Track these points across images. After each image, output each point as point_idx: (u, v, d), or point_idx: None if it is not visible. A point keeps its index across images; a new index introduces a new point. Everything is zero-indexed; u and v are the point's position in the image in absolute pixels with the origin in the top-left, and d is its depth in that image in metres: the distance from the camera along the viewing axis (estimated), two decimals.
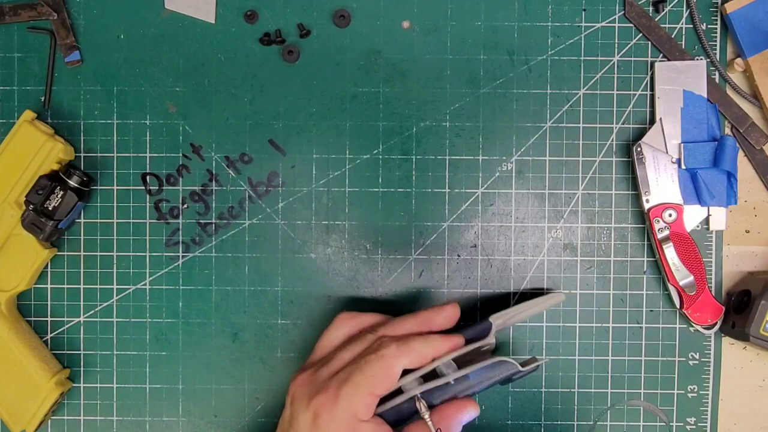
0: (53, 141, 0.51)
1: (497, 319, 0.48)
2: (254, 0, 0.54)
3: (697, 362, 0.55)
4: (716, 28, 0.54)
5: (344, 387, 0.42)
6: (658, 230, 0.53)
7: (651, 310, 0.55)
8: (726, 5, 0.53)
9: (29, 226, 0.51)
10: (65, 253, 0.54)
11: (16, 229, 0.51)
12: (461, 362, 0.46)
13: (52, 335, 0.55)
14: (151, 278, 0.54)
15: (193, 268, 0.55)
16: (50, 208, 0.51)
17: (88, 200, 0.54)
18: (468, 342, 0.47)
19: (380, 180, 0.54)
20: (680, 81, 0.53)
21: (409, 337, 0.45)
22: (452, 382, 0.45)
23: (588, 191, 0.55)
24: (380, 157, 0.54)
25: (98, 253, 0.54)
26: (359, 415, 0.42)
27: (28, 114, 0.51)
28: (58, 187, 0.51)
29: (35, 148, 0.51)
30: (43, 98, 0.54)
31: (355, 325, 0.48)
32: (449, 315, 0.47)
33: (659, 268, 0.54)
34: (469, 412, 0.45)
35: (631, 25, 0.54)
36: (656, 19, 0.54)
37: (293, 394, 0.45)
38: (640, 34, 0.54)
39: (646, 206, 0.53)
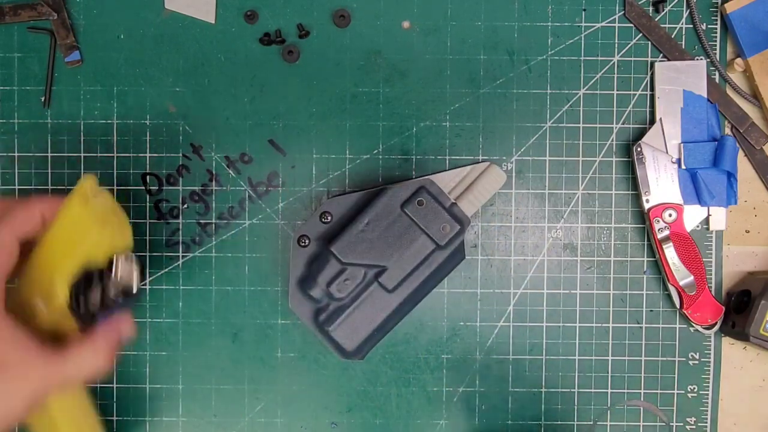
0: (102, 230, 0.43)
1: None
2: (254, 0, 0.54)
3: (697, 362, 0.55)
4: (716, 28, 0.54)
5: None
6: (658, 230, 0.53)
7: (651, 310, 0.55)
8: (726, 5, 0.53)
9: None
10: None
11: None
12: None
13: None
14: (151, 278, 0.54)
15: (193, 268, 0.54)
16: (89, 308, 0.44)
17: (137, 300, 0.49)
18: None
19: (380, 180, 0.54)
20: (680, 81, 0.53)
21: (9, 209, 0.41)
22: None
23: (588, 191, 0.55)
24: (380, 157, 0.54)
25: None
26: None
27: (85, 188, 0.42)
28: (100, 286, 0.44)
29: (83, 236, 0.42)
30: (43, 98, 0.54)
31: None
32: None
33: (659, 268, 0.54)
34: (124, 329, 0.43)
35: (631, 25, 0.54)
36: (656, 19, 0.54)
37: None
38: (640, 34, 0.54)
39: (646, 206, 0.53)
